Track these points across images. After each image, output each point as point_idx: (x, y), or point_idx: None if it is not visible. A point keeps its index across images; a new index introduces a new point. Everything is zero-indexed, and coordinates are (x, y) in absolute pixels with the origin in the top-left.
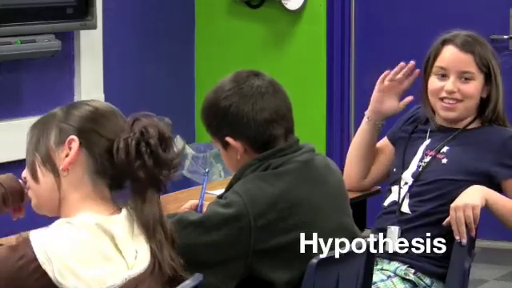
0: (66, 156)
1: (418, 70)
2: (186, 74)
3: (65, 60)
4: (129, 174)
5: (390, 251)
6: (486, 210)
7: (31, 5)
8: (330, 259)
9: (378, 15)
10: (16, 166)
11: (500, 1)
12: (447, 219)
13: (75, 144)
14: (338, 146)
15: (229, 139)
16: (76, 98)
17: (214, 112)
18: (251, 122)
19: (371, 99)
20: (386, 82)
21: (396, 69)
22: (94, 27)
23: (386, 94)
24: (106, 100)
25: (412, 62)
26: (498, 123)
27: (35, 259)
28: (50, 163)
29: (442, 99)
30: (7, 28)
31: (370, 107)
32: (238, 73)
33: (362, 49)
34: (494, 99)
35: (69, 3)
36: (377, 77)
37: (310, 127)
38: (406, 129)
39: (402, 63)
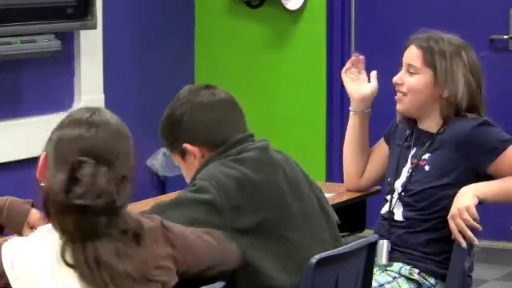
0: None
1: (362, 57)
2: (186, 73)
3: (65, 60)
4: None
5: (380, 263)
6: (486, 204)
7: (31, 5)
8: (329, 258)
9: (378, 15)
10: (16, 165)
11: (500, 1)
12: (453, 236)
13: (42, 156)
14: (338, 146)
15: (186, 145)
16: (76, 98)
17: (170, 123)
18: (205, 126)
19: (348, 94)
20: (344, 75)
21: (347, 64)
22: (94, 27)
23: (355, 83)
24: (105, 100)
25: (355, 56)
26: (460, 115)
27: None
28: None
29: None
30: (7, 28)
31: (351, 101)
32: (192, 85)
33: (362, 49)
34: (449, 97)
35: (69, 3)
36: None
37: (309, 127)
38: (401, 133)
39: (353, 58)
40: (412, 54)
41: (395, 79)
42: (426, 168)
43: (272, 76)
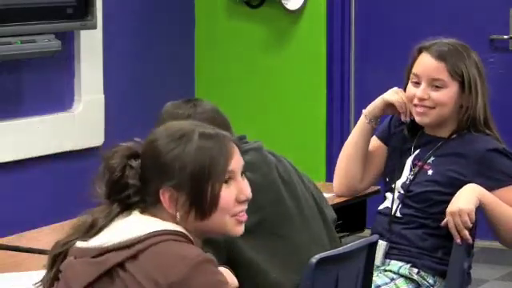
0: None
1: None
2: (186, 73)
3: (65, 60)
4: None
5: (376, 264)
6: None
7: (31, 5)
8: (329, 258)
9: (378, 15)
10: (16, 166)
11: (500, 1)
12: (444, 221)
13: None
14: (337, 146)
15: None
16: (76, 98)
17: None
18: None
19: (375, 104)
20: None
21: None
22: (94, 27)
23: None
24: (105, 100)
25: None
26: (477, 130)
27: None
28: None
29: (415, 105)
30: (7, 28)
31: (370, 109)
32: (174, 101)
33: (362, 49)
34: (469, 107)
35: (69, 3)
36: (376, 77)
37: (310, 127)
38: (400, 135)
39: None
40: (433, 67)
41: (420, 95)
42: (429, 172)
43: (272, 76)
